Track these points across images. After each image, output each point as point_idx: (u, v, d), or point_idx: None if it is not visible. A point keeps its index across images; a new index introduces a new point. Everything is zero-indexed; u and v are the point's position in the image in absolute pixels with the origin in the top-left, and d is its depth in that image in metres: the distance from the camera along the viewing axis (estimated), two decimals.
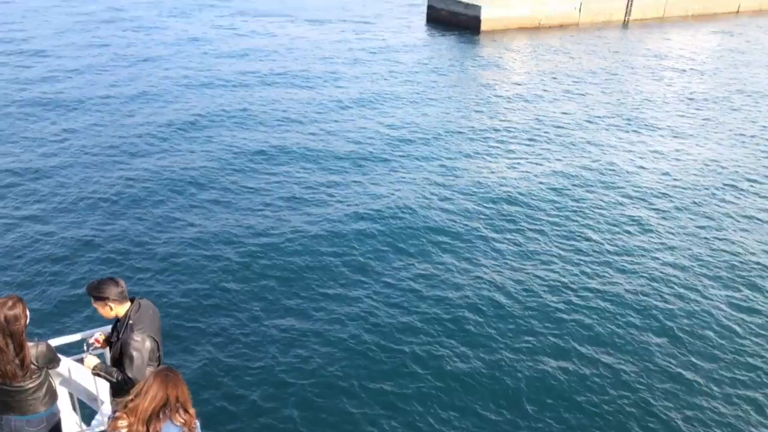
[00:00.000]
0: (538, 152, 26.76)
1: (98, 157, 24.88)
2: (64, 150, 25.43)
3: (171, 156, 25.13)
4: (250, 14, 59.03)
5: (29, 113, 29.69)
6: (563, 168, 25.08)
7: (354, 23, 55.92)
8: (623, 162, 25.96)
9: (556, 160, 25.99)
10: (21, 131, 27.34)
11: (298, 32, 51.40)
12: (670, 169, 25.43)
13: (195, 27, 52.08)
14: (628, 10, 58.49)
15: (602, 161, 25.96)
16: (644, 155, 26.81)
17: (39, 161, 24.31)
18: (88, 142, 26.25)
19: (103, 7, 60.23)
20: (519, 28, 53.79)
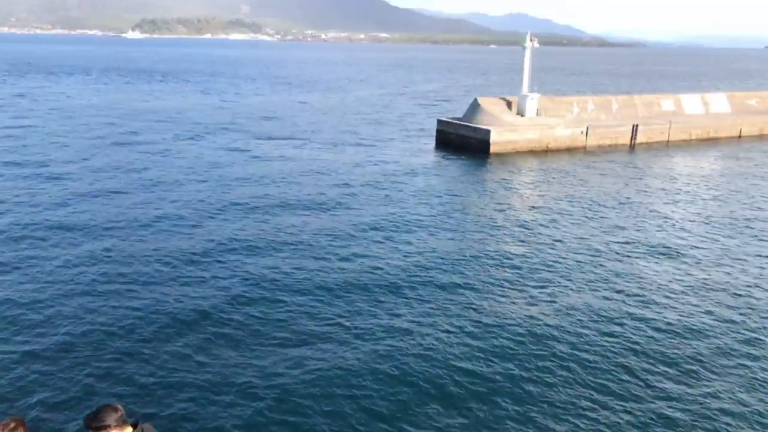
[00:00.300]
0: (558, 280, 25.89)
1: (109, 285, 24.12)
2: (76, 277, 24.73)
3: (181, 286, 24.34)
4: (263, 137, 60.60)
5: (43, 237, 29.35)
6: (590, 300, 24.09)
7: (366, 146, 57.05)
8: (652, 293, 24.98)
9: (578, 290, 25.06)
10: (33, 257, 26.82)
11: (311, 155, 52.33)
12: (699, 302, 24.40)
13: (209, 150, 53.16)
14: (634, 135, 59.74)
15: (629, 291, 25.01)
16: (670, 284, 25.88)
17: (46, 289, 23.54)
18: (99, 269, 25.59)
19: (120, 131, 62.14)
20: (528, 151, 54.73)
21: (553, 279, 26.17)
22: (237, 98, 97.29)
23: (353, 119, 75.46)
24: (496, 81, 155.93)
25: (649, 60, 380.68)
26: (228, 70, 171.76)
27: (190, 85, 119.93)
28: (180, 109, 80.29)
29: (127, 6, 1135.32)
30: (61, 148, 52.35)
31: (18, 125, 63.53)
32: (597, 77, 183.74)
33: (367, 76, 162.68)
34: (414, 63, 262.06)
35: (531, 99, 55.42)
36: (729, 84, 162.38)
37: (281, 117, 75.83)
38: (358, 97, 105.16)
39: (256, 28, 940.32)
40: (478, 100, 56.44)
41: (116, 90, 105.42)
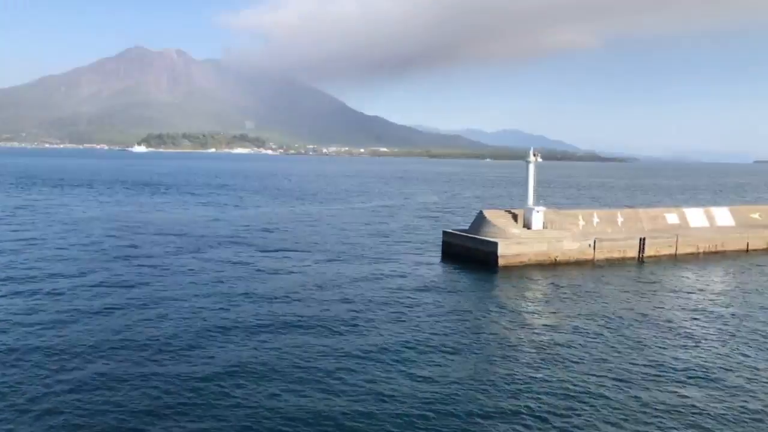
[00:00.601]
0: (584, 410, 23.96)
1: (102, 417, 22.20)
2: (70, 404, 22.86)
3: (179, 415, 22.41)
4: (266, 250, 59.76)
5: (39, 362, 27.58)
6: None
7: (371, 259, 56.06)
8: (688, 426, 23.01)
9: (607, 422, 23.11)
10: (26, 384, 24.99)
11: (315, 269, 51.19)
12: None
13: (211, 264, 52.12)
14: (642, 248, 59.08)
15: (664, 425, 23.05)
16: (706, 414, 23.93)
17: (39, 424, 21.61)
18: (95, 398, 23.72)
19: (122, 244, 61.45)
20: (536, 264, 53.76)
21: (577, 408, 24.25)
22: (240, 210, 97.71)
23: (357, 231, 75.16)
24: (495, 193, 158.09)
25: (644, 174, 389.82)
26: (231, 182, 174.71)
27: (193, 197, 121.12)
28: (183, 222, 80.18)
29: (135, 122, 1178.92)
30: (60, 262, 51.34)
31: (18, 238, 62.91)
32: (594, 190, 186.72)
33: (368, 188, 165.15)
34: (413, 175, 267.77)
35: (537, 212, 55.21)
36: (724, 197, 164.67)
37: (284, 229, 75.55)
38: (361, 208, 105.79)
39: (259, 142, 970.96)
40: (484, 213, 56.24)
41: (120, 202, 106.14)
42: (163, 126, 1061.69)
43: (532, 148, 57.11)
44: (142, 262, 51.89)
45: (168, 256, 55.23)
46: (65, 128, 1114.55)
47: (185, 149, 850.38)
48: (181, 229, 72.67)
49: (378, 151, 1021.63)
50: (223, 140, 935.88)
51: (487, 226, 54.75)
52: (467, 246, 55.38)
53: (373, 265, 53.84)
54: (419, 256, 58.24)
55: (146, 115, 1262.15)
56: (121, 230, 70.91)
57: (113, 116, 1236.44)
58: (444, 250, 58.48)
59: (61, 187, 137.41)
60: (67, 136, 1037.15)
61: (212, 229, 73.69)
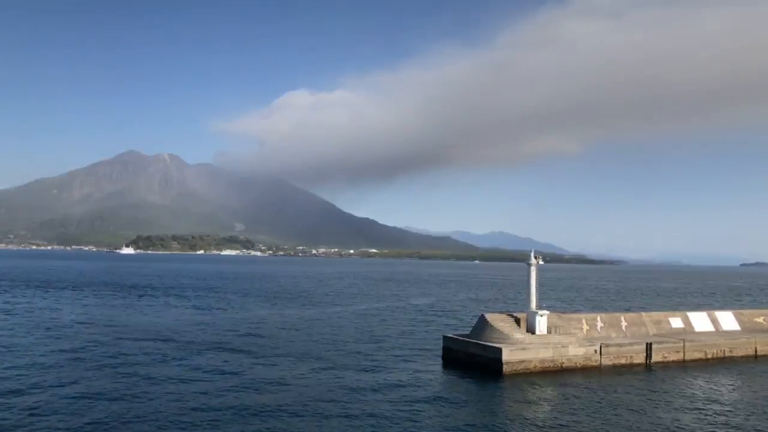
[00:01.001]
0: None
1: None
2: None
3: None
4: (257, 356, 56.61)
5: None
6: None
7: (368, 367, 53.07)
8: None
9: None
10: None
11: (310, 379, 48.13)
12: None
13: (199, 374, 49.10)
14: (649, 354, 56.90)
15: None
16: None
17: None
18: None
19: (106, 351, 58.38)
20: (541, 371, 51.24)
21: None
22: (228, 314, 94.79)
23: (352, 336, 72.44)
24: (489, 296, 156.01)
25: (635, 276, 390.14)
26: (219, 284, 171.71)
27: (180, 300, 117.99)
28: (170, 327, 77.20)
29: (125, 223, 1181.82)
30: (39, 371, 48.31)
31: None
32: (587, 293, 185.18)
33: (361, 290, 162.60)
34: (405, 277, 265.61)
35: (541, 316, 53.41)
36: (721, 300, 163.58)
37: (275, 334, 72.70)
38: (355, 311, 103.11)
39: (248, 244, 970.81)
40: (486, 317, 54.34)
41: (105, 305, 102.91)
42: (154, 228, 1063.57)
43: (533, 250, 56.16)
44: (128, 371, 48.95)
45: (154, 364, 52.30)
46: (54, 230, 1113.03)
47: (174, 251, 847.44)
48: (167, 335, 69.72)
49: (368, 252, 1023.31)
50: (212, 242, 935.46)
51: (490, 331, 52.69)
52: (469, 352, 53.04)
53: (372, 373, 51.08)
54: (419, 363, 55.53)
55: (137, 217, 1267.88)
56: (105, 335, 67.88)
57: (103, 218, 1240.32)
58: (445, 356, 56.03)
59: (46, 290, 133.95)
60: (55, 237, 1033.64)
61: (200, 335, 70.77)
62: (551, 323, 54.25)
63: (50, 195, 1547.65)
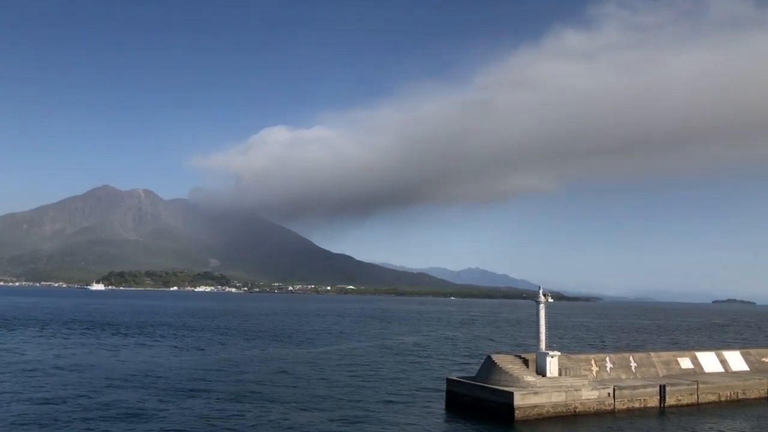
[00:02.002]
0: None
1: None
2: None
3: None
4: (242, 403, 52.16)
5: None
6: None
7: (366, 413, 48.85)
8: None
9: None
10: None
11: (304, 427, 44.14)
12: None
13: (182, 420, 44.67)
14: (662, 396, 53.62)
15: None
16: None
17: None
18: None
19: (75, 396, 53.35)
20: (554, 416, 47.54)
21: None
22: (208, 354, 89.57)
23: (343, 378, 68.03)
24: (477, 334, 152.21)
25: (614, 313, 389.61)
26: (196, 323, 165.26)
27: (155, 339, 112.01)
28: (144, 368, 72.03)
29: (97, 259, 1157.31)
30: (4, 418, 43.30)
31: None
32: (574, 331, 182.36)
33: (343, 328, 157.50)
34: (386, 314, 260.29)
35: (552, 357, 49.96)
36: (708, 338, 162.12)
37: (259, 377, 67.93)
38: (342, 351, 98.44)
39: (223, 280, 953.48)
40: (493, 358, 50.73)
41: (75, 345, 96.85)
42: (126, 264, 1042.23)
43: (541, 287, 52.97)
44: (99, 419, 44.14)
45: (130, 408, 47.53)
46: (24, 265, 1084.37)
47: (147, 287, 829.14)
48: (142, 377, 64.70)
49: (345, 288, 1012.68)
50: (186, 278, 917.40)
51: (498, 374, 49.02)
52: (476, 396, 49.23)
53: (370, 421, 46.92)
54: (422, 408, 51.49)
55: (109, 252, 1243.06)
56: (78, 379, 62.65)
57: (75, 254, 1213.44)
58: (449, 400, 52.15)
59: (12, 328, 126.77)
60: (24, 273, 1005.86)
61: (177, 377, 65.79)
62: (561, 365, 50.78)
63: (20, 230, 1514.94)
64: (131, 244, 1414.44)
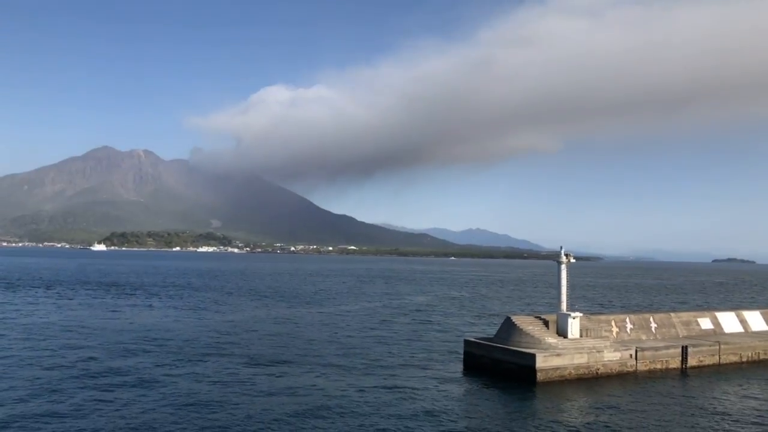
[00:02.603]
0: None
1: None
2: None
3: None
4: (255, 363, 50.96)
5: None
6: None
7: (382, 374, 47.82)
8: None
9: None
10: None
11: (316, 386, 42.97)
12: None
13: (194, 385, 43.34)
14: (684, 358, 52.55)
15: None
16: None
17: None
18: None
19: (86, 357, 52.30)
20: (576, 378, 46.48)
21: None
22: (217, 315, 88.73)
23: (356, 338, 67.10)
24: (486, 294, 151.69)
25: (617, 273, 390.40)
26: (202, 283, 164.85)
27: (162, 299, 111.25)
28: (155, 329, 71.13)
29: (98, 220, 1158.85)
30: (11, 384, 42.19)
31: None
32: (579, 290, 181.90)
33: (350, 288, 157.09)
34: (391, 274, 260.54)
35: (573, 318, 48.65)
36: (719, 297, 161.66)
37: (273, 338, 66.99)
38: (351, 311, 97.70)
39: (226, 241, 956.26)
40: (513, 319, 49.43)
41: (81, 306, 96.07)
42: (128, 225, 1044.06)
43: (563, 247, 51.23)
44: (112, 383, 43.10)
45: (142, 371, 46.50)
46: (25, 227, 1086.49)
47: (149, 248, 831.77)
48: (152, 339, 63.74)
49: (347, 249, 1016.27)
50: (188, 238, 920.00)
51: (519, 335, 47.78)
52: (495, 357, 48.11)
53: (386, 381, 45.95)
54: (438, 370, 50.40)
55: (111, 213, 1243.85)
56: (86, 339, 61.70)
57: (76, 215, 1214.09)
58: (466, 362, 51.09)
59: (16, 289, 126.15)
60: (27, 234, 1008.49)
61: (189, 338, 64.84)
62: (582, 326, 49.54)
63: (21, 191, 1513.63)
64: (132, 204, 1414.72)
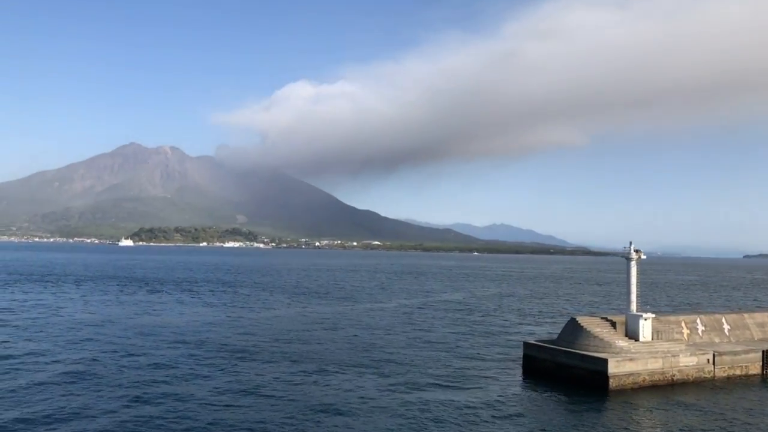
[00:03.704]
0: None
1: None
2: None
3: None
4: (299, 363, 47.90)
5: None
6: None
7: (433, 379, 44.26)
8: None
9: None
10: None
11: (369, 391, 39.74)
12: None
13: (236, 385, 40.66)
14: (765, 363, 48.22)
15: None
16: None
17: None
18: None
19: (118, 355, 49.80)
20: (650, 385, 42.55)
21: None
22: (252, 312, 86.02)
23: (400, 338, 63.76)
24: (522, 291, 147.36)
25: (650, 268, 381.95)
26: (232, 279, 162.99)
27: (192, 295, 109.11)
28: (188, 327, 68.62)
29: (126, 216, 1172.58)
30: (47, 387, 39.63)
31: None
32: (611, 287, 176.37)
33: (382, 284, 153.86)
34: (419, 269, 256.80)
35: (645, 319, 44.68)
36: (760, 294, 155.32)
37: (311, 337, 63.89)
38: (388, 308, 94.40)
39: (251, 236, 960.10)
40: (578, 320, 45.66)
41: (111, 302, 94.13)
42: (155, 220, 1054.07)
43: (631, 242, 47.22)
44: (148, 383, 40.31)
45: (181, 372, 43.63)
46: (56, 222, 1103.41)
47: (177, 243, 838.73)
48: (188, 338, 61.17)
49: (371, 244, 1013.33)
50: (214, 234, 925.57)
51: (586, 337, 43.98)
52: (559, 362, 44.37)
53: (438, 387, 42.57)
54: (495, 374, 46.82)
55: (138, 209, 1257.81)
56: (118, 337, 59.24)
57: (105, 210, 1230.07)
58: (525, 366, 47.43)
59: (46, 284, 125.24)
60: (57, 230, 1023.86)
61: (224, 337, 62.09)
62: (653, 328, 45.51)
63: (51, 188, 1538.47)
64: (159, 200, 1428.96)
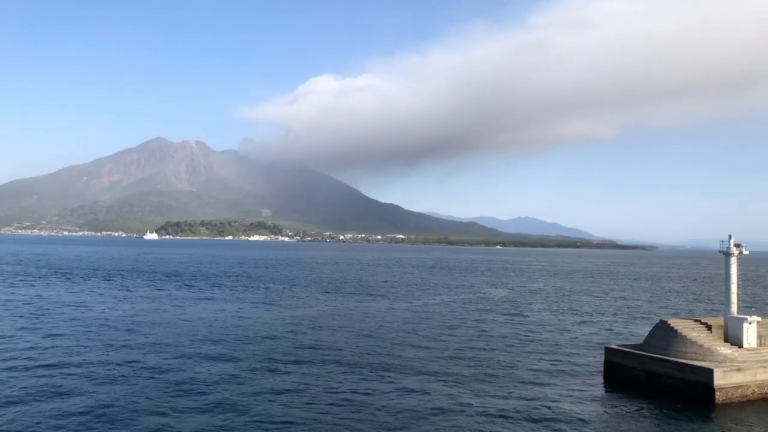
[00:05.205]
0: None
1: None
2: None
3: None
4: (356, 368, 43.59)
5: None
6: None
7: (506, 386, 39.53)
8: None
9: None
10: None
11: (435, 399, 35.24)
12: None
13: (282, 385, 36.46)
14: None
15: None
16: None
17: None
18: None
19: (148, 357, 45.91)
20: (760, 399, 37.34)
21: None
22: (288, 309, 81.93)
23: (458, 340, 59.00)
24: (564, 286, 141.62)
25: (685, 262, 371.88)
26: (262, 273, 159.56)
27: (224, 291, 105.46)
28: (221, 324, 64.84)
29: (153, 210, 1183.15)
30: (77, 385, 35.76)
31: (21, 347, 47.76)
32: (644, 282, 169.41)
33: (416, 279, 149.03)
34: (449, 264, 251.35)
35: (750, 323, 39.35)
36: None
37: (361, 337, 59.52)
38: (434, 306, 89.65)
39: (276, 230, 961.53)
40: (670, 323, 40.54)
41: (139, 298, 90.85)
42: (181, 214, 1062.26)
43: (731, 236, 41.81)
44: (181, 379, 36.22)
45: (223, 375, 39.47)
46: (84, 216, 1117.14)
47: (203, 236, 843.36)
48: (219, 334, 57.35)
49: (395, 237, 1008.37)
50: (240, 228, 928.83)
51: (680, 343, 38.86)
52: (650, 370, 39.30)
53: (508, 395, 38.02)
54: (570, 383, 41.89)
55: (164, 203, 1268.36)
56: (147, 337, 55.43)
57: (132, 204, 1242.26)
58: (607, 373, 42.45)
59: (74, 278, 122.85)
60: (85, 224, 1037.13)
61: (267, 337, 57.99)
62: (760, 332, 40.18)
63: (79, 182, 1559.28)
64: (185, 194, 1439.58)
